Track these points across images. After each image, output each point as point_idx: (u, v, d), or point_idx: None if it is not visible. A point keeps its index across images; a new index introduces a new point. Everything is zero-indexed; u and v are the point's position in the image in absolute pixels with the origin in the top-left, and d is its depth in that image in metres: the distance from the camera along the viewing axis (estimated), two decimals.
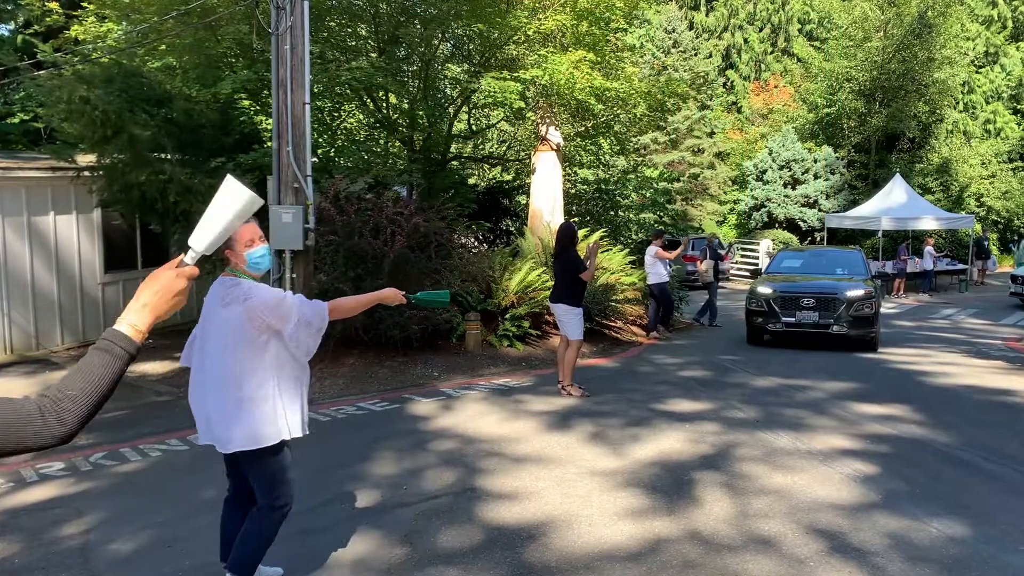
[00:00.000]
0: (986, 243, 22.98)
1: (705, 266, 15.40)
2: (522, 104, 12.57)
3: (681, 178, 32.47)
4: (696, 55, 37.10)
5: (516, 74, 12.58)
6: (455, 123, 18.05)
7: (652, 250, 13.69)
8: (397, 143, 16.69)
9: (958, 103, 32.65)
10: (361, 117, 16.35)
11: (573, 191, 19.42)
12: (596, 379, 9.49)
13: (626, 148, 16.79)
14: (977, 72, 33.83)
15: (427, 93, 14.67)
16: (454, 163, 18.63)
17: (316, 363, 10.05)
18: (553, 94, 12.96)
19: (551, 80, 12.34)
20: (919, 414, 7.45)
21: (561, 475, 5.72)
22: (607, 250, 14.06)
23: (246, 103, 11.85)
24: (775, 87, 39.20)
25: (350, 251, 9.74)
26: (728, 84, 42.30)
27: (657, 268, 13.44)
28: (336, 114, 13.70)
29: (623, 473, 5.74)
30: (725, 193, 35.22)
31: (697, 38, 39.63)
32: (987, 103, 33.25)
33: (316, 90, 12.36)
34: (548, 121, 13.52)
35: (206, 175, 10.86)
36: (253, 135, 11.72)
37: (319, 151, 12.11)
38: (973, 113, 32.96)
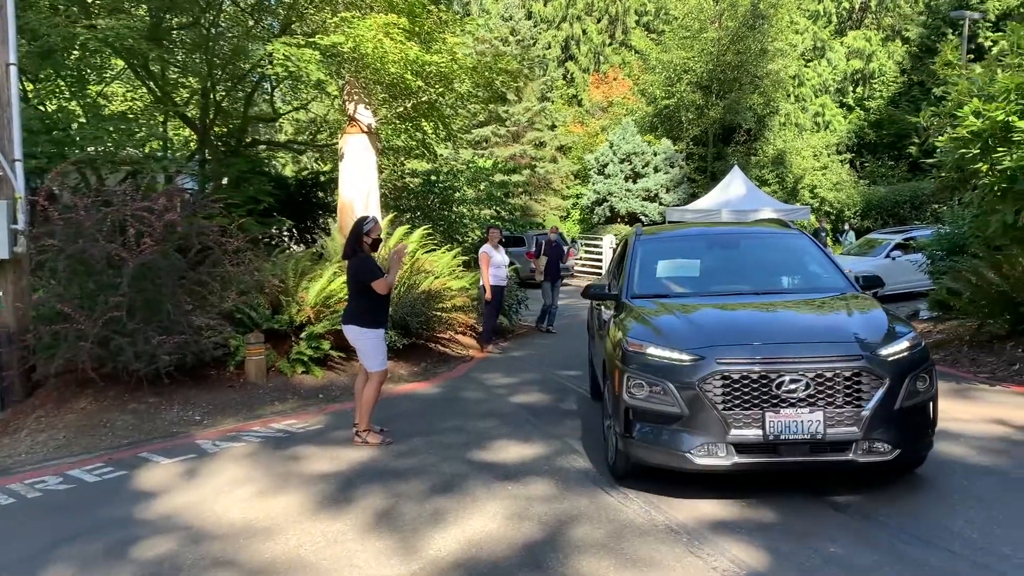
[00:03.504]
0: (823, 234, 22.89)
1: (540, 264, 13.82)
2: (322, 76, 10.47)
3: (522, 171, 31.13)
4: (535, 45, 35.96)
5: (313, 40, 10.47)
6: (260, 103, 15.69)
7: (486, 249, 11.98)
8: (181, 125, 14.17)
9: (790, 95, 33.10)
10: (138, 92, 13.70)
11: (400, 183, 17.46)
12: (408, 414, 7.58)
13: (453, 134, 14.94)
14: (806, 66, 34.48)
15: (212, 64, 12.24)
16: (261, 149, 16.23)
17: (33, 410, 7.59)
18: (362, 66, 10.93)
19: (357, 49, 10.31)
20: None
21: None
22: (432, 250, 12.20)
23: None
24: (615, 79, 38.68)
25: (75, 259, 7.33)
26: (568, 76, 41.48)
27: (491, 269, 11.73)
28: (77, 87, 11.02)
29: None
30: (568, 187, 34.24)
31: (535, 27, 38.54)
32: (816, 96, 33.91)
33: (59, 54, 9.77)
34: (357, 98, 11.46)
35: None
36: None
37: (54, 132, 9.50)
38: (803, 106, 33.51)
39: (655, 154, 29.70)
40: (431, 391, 8.84)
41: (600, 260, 26.77)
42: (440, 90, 12.21)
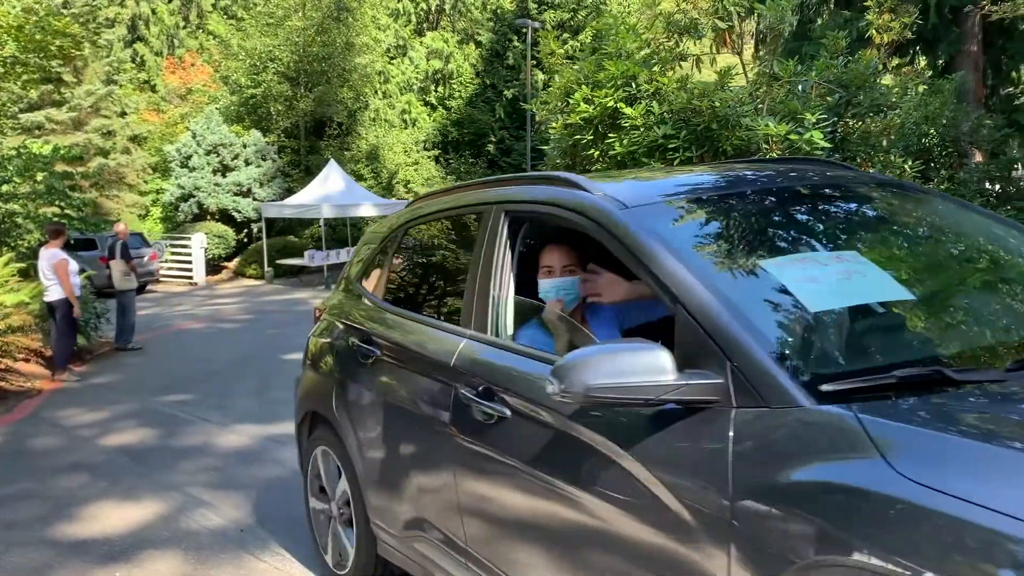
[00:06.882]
0: None
1: (119, 269, 11.69)
2: None
3: (89, 161, 27.05)
4: (94, 20, 31.53)
5: None
6: None
7: (49, 254, 9.74)
8: None
9: (377, 92, 33.51)
10: None
11: None
12: None
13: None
14: (390, 63, 35.18)
15: None
16: None
17: None
18: None
19: None
20: None
21: None
22: None
23: None
24: (193, 64, 35.74)
25: None
26: (138, 59, 37.28)
27: (59, 278, 9.54)
28: None
29: None
30: (146, 182, 30.69)
31: (93, 2, 33.87)
32: (402, 93, 34.79)
33: None
34: None
35: None
36: None
37: None
38: (391, 102, 34.16)
39: (245, 146, 27.88)
40: None
41: (189, 262, 24.35)
42: None
